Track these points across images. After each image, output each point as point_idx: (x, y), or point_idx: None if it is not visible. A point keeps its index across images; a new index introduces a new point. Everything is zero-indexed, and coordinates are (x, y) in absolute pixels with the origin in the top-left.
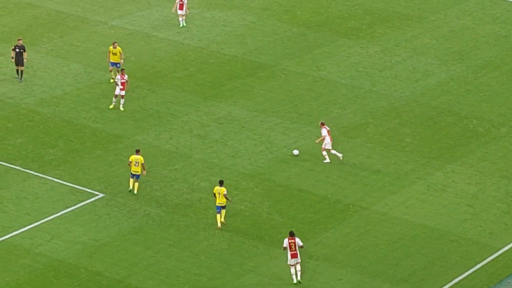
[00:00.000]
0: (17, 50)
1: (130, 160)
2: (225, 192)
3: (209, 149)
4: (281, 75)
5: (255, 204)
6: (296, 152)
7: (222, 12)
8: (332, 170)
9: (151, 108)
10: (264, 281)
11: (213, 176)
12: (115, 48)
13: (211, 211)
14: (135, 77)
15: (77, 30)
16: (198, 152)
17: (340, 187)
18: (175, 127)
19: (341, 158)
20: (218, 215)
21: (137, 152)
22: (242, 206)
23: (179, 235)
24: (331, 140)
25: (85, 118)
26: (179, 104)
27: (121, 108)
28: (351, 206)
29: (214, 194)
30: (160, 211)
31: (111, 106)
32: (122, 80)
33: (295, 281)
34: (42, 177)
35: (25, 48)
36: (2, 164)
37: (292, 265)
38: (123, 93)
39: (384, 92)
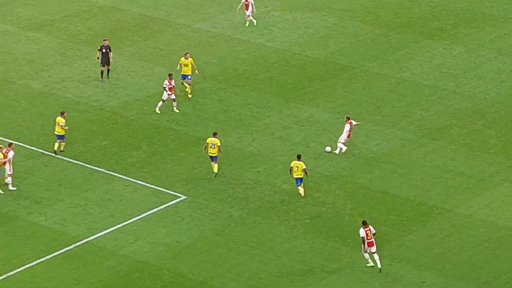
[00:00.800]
0: (103, 50)
1: (207, 142)
2: (304, 167)
3: (291, 151)
4: (363, 76)
5: (337, 206)
6: (328, 148)
7: (304, 14)
8: (415, 172)
9: (233, 111)
10: (346, 283)
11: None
12: (187, 59)
13: (292, 213)
14: (217, 79)
15: (160, 33)
16: (280, 155)
17: (423, 189)
18: (257, 129)
19: (339, 152)
20: (300, 187)
21: (214, 135)
22: (324, 208)
23: (262, 237)
24: (348, 137)
25: (168, 121)
26: (261, 107)
27: (176, 110)
28: (434, 208)
29: (291, 168)
30: (243, 213)
31: (157, 110)
32: (170, 86)
33: (371, 264)
34: (126, 179)
35: (111, 48)
36: (86, 167)
37: (373, 252)
38: (173, 96)
39: (468, 93)
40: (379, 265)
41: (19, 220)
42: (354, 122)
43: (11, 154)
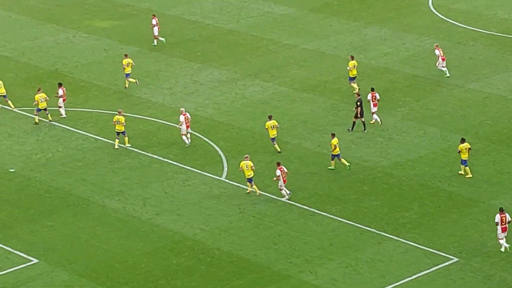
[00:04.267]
0: (358, 103)
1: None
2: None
3: None
4: None
5: None
6: None
7: None
8: None
9: (507, 172)
10: None
11: None
12: None
13: None
14: (491, 140)
15: (433, 93)
16: None
17: None
18: None
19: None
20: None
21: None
22: None
23: None
24: None
25: (440, 182)
26: None
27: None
28: None
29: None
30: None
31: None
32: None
33: (502, 249)
34: (397, 240)
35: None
36: (357, 226)
37: (501, 239)
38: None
39: None
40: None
41: (290, 279)
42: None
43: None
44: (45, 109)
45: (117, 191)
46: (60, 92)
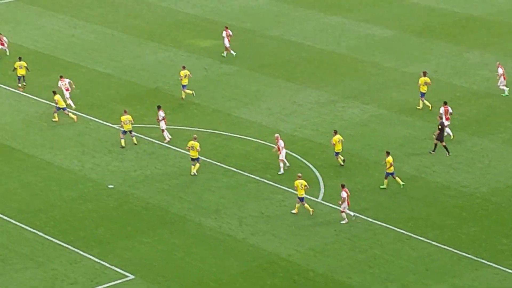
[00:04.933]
0: (440, 126)
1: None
2: None
3: None
4: None
5: None
6: None
7: None
8: None
9: None
10: None
11: None
12: None
13: None
14: None
15: None
16: None
17: None
18: None
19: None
20: None
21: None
22: None
23: None
24: None
25: None
26: None
27: None
28: None
29: None
30: None
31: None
32: None
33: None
34: (495, 267)
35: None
36: (454, 252)
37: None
38: None
39: None
40: None
41: None
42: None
43: None
44: (130, 131)
45: (213, 210)
46: (161, 114)
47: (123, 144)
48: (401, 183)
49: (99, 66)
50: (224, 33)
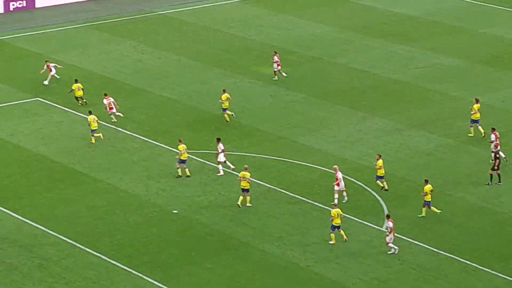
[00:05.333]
0: (497, 155)
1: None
2: None
3: None
4: None
5: None
6: None
7: None
8: None
9: None
10: None
11: None
12: None
13: None
14: None
15: None
16: None
17: None
18: None
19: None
20: None
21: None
22: None
23: None
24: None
25: None
26: None
27: None
28: None
29: None
30: None
31: None
32: None
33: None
34: None
35: None
36: None
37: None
38: None
39: None
40: None
41: None
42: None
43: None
44: (183, 161)
45: (277, 237)
46: (221, 147)
47: (180, 173)
48: (438, 211)
49: (165, 91)
50: (275, 58)
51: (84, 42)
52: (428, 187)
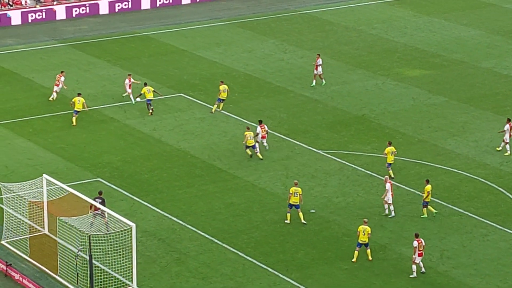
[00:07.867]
0: None
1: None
2: None
3: None
4: None
5: None
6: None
7: None
8: None
9: None
10: None
11: None
12: None
13: None
14: None
15: None
16: None
17: None
18: None
19: None
20: None
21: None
22: None
23: None
24: None
25: None
26: None
27: None
28: None
29: None
30: None
31: None
32: None
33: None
34: None
35: None
36: None
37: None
38: None
39: None
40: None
41: None
42: None
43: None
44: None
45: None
46: (258, 130)
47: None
48: (434, 211)
49: (307, 91)
50: (319, 61)
51: (227, 39)
52: (428, 187)
